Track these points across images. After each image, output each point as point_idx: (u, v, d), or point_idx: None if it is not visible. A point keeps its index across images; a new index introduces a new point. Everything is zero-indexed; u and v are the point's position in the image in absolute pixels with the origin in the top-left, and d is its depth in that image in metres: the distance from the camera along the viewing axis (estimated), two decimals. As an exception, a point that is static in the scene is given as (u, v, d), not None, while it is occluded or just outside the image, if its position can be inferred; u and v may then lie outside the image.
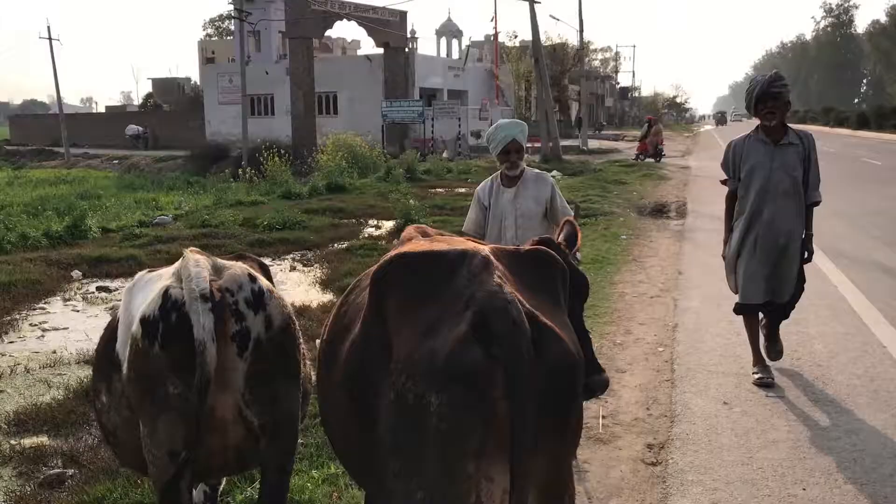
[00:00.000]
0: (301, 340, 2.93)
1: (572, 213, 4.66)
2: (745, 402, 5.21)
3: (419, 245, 2.53)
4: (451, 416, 2.01)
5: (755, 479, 4.15)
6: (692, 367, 5.95)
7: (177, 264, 2.73)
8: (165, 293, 2.56)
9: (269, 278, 3.06)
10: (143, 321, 2.56)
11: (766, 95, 5.26)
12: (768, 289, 5.54)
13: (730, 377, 5.66)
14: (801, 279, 5.61)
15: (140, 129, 47.55)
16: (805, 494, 3.96)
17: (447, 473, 2.03)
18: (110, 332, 2.94)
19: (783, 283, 5.55)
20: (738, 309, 5.76)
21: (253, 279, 2.68)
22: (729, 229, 5.72)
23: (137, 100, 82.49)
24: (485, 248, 2.35)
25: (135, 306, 2.73)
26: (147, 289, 2.76)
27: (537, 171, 4.94)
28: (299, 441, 3.53)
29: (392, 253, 2.47)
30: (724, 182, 5.78)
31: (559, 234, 3.17)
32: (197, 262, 2.63)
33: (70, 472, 4.46)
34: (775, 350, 5.80)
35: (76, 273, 9.86)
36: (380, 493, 2.44)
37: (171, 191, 25.67)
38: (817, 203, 5.53)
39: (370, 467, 2.34)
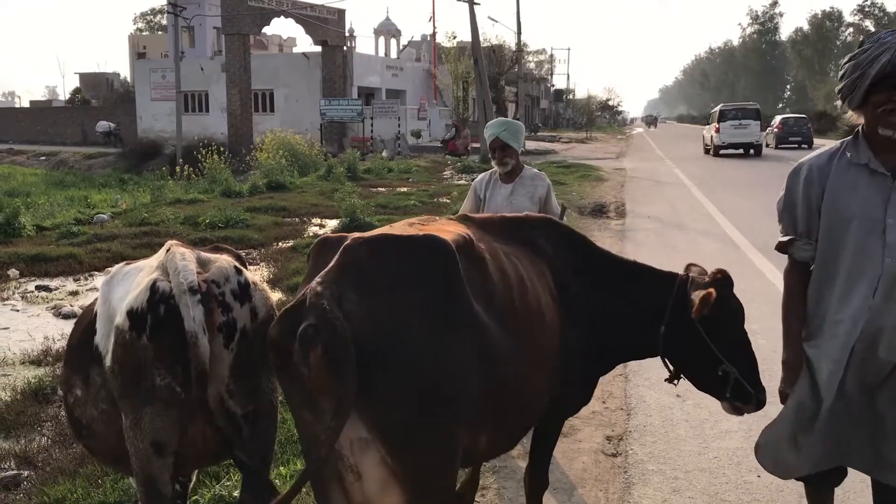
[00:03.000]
0: None
1: (559, 213, 4.76)
2: (696, 395, 5.30)
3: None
4: (279, 375, 2.49)
5: (712, 467, 4.31)
6: (643, 362, 6.07)
7: (160, 257, 2.72)
8: (153, 286, 2.56)
9: (245, 268, 3.07)
10: (131, 313, 2.54)
11: None
12: (869, 459, 2.83)
13: (680, 371, 5.82)
14: None
15: (112, 125, 44.75)
16: (760, 481, 4.14)
17: (296, 418, 2.49)
18: (85, 325, 2.90)
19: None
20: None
21: (239, 271, 2.72)
22: (792, 334, 3.03)
23: (64, 95, 79.91)
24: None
25: (116, 298, 2.71)
26: (128, 281, 2.74)
27: (536, 170, 5.01)
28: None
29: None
30: (781, 247, 2.99)
31: None
32: (183, 255, 2.64)
33: (25, 473, 4.35)
34: None
35: (13, 272, 9.54)
36: None
37: (103, 188, 25.11)
38: None
39: None
